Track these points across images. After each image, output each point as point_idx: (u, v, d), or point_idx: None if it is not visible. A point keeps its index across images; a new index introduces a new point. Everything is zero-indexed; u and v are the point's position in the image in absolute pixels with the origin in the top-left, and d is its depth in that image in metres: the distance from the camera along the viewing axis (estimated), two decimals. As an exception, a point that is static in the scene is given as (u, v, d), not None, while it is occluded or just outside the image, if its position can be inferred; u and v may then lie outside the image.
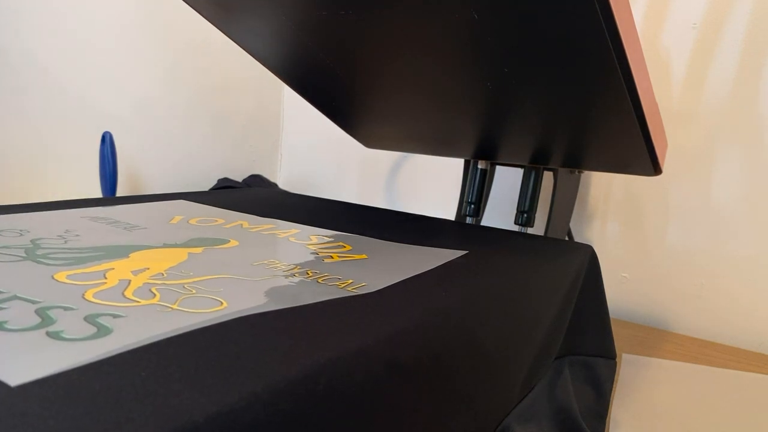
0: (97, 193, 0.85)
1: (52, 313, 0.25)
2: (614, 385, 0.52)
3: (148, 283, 0.30)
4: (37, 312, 0.25)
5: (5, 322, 0.23)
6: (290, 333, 0.25)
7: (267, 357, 0.22)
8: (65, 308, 0.25)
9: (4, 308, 0.25)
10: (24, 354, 0.20)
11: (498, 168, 0.70)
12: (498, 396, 0.37)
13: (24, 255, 0.33)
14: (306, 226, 0.49)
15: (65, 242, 0.37)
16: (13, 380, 0.18)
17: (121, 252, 0.36)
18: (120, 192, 0.87)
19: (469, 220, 0.66)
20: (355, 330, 0.26)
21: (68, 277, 0.30)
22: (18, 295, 0.27)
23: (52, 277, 0.30)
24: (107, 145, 0.79)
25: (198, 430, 0.17)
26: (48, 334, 0.22)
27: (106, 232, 0.41)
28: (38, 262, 0.32)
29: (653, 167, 0.50)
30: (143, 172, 0.91)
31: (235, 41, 0.53)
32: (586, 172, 0.80)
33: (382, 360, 0.25)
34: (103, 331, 0.23)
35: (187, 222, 0.47)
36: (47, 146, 0.80)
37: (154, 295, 0.28)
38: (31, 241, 0.37)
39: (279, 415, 0.20)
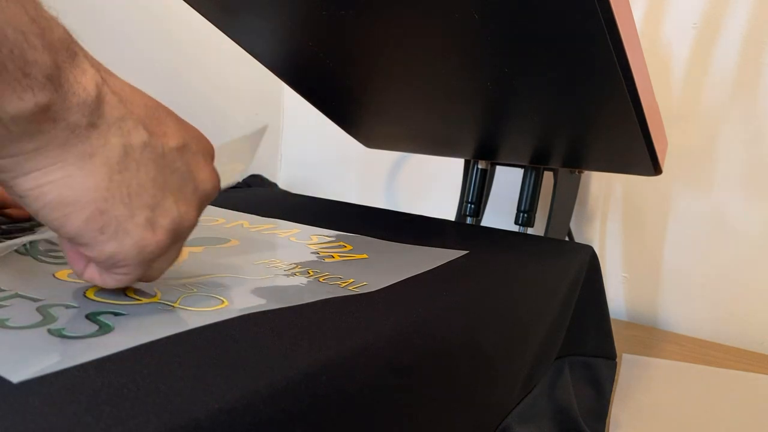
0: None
1: (53, 311, 0.25)
2: (614, 386, 0.52)
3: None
4: (38, 310, 0.25)
5: (7, 319, 0.23)
6: (291, 332, 0.25)
7: (268, 355, 0.22)
8: (66, 306, 0.25)
9: (6, 306, 0.25)
10: (26, 351, 0.21)
11: (498, 168, 0.70)
12: (498, 396, 0.37)
13: (24, 252, 0.34)
14: (307, 225, 0.49)
15: None
16: (15, 377, 0.18)
17: None
18: (120, 192, 0.87)
19: (469, 220, 0.66)
20: (356, 329, 0.26)
21: (69, 275, 0.30)
22: (19, 293, 0.27)
23: (54, 276, 0.30)
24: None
25: (199, 428, 0.17)
26: (50, 331, 0.22)
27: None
28: (39, 261, 0.32)
29: (653, 167, 0.50)
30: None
31: (234, 41, 0.53)
32: (586, 172, 0.80)
33: (382, 359, 0.25)
34: (104, 329, 0.23)
35: None
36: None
37: (155, 293, 0.28)
38: (29, 242, 0.37)
39: (280, 413, 0.20)
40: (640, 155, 0.48)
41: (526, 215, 0.60)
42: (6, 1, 0.19)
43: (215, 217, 0.50)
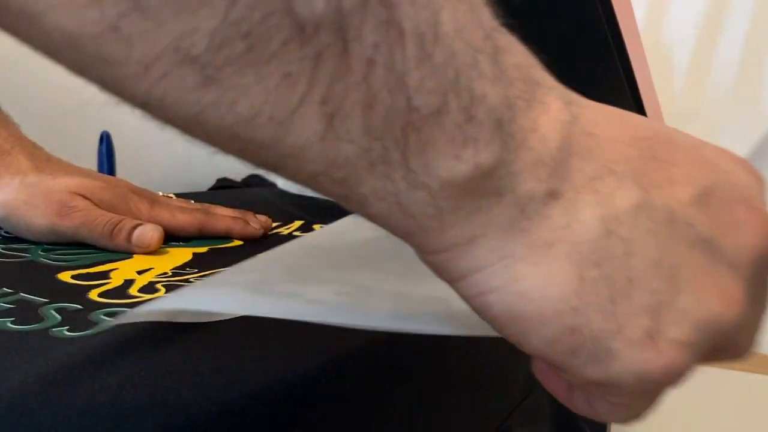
0: (96, 192, 0.84)
1: (55, 312, 0.25)
2: (614, 386, 0.52)
3: (153, 281, 0.30)
4: (40, 311, 0.25)
5: (9, 320, 0.23)
6: (291, 333, 0.25)
7: (267, 357, 0.22)
8: (69, 308, 0.25)
9: (9, 307, 0.25)
10: (25, 352, 0.20)
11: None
12: (498, 397, 0.37)
13: (28, 255, 0.34)
14: (308, 225, 0.50)
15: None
16: (13, 379, 0.18)
17: (124, 252, 0.36)
18: (119, 192, 0.87)
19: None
20: (355, 329, 0.26)
21: (72, 276, 0.30)
22: (23, 295, 0.27)
23: (56, 277, 0.30)
24: (105, 145, 0.79)
25: (197, 430, 0.17)
26: (50, 333, 0.22)
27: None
28: (42, 263, 0.32)
29: (654, 167, 0.50)
30: (142, 172, 0.91)
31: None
32: (586, 172, 0.80)
33: (382, 360, 0.25)
34: (104, 326, 0.23)
35: None
36: (45, 146, 0.80)
37: (159, 290, 0.28)
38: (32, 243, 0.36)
39: (278, 415, 0.20)
40: (641, 155, 0.48)
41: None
42: (461, 3, 0.13)
43: None
